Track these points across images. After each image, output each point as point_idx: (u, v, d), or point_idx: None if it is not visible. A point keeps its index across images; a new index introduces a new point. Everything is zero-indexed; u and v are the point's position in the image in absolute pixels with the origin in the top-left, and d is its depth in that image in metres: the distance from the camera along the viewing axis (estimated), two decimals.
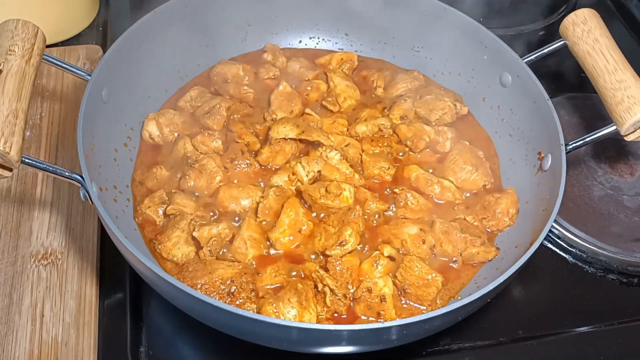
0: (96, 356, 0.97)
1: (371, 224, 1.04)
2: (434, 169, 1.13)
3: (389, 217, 1.05)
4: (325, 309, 0.94)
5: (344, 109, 1.20)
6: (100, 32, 1.44)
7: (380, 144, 1.14)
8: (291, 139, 1.10)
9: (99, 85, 1.01)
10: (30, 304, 1.00)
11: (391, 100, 1.22)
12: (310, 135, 1.09)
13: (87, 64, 1.32)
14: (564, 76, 1.43)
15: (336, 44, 1.33)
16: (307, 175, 1.07)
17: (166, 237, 0.98)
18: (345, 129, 1.16)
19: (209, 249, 0.97)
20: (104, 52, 1.07)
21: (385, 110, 1.21)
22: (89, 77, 0.99)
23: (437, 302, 0.96)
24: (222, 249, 0.99)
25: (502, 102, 1.17)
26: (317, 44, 1.33)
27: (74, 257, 1.06)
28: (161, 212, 1.03)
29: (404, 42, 1.28)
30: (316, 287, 0.95)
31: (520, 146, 1.13)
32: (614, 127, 0.97)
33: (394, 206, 1.06)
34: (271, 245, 1.00)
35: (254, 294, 0.94)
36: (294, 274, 0.97)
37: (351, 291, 0.95)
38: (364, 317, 0.95)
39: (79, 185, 0.89)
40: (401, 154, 1.15)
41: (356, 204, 1.03)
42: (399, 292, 0.97)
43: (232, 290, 0.93)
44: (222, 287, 0.93)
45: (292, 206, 1.02)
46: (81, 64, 1.32)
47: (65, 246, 1.07)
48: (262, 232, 1.01)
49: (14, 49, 0.88)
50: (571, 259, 1.15)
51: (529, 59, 1.11)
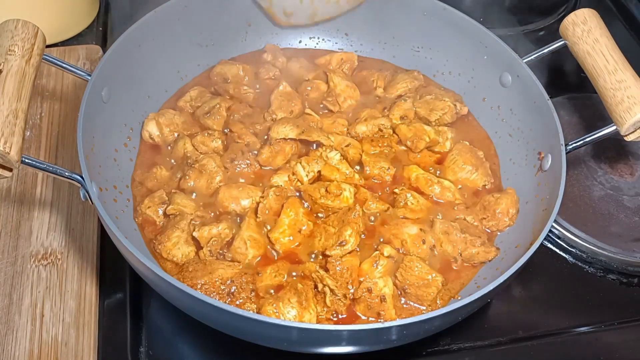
0: (96, 356, 0.97)
1: (371, 223, 1.04)
2: (434, 169, 1.13)
3: (389, 217, 1.05)
4: (325, 309, 0.94)
5: (344, 109, 1.20)
6: (100, 32, 1.44)
7: (380, 144, 1.14)
8: (291, 139, 1.10)
9: (99, 85, 1.01)
10: (30, 304, 1.00)
11: (391, 100, 1.22)
12: (310, 135, 1.09)
13: (87, 64, 1.32)
14: (564, 76, 1.43)
15: (336, 44, 1.33)
16: (307, 175, 1.07)
17: (166, 237, 0.98)
18: (345, 129, 1.16)
19: (209, 249, 0.97)
20: (104, 52, 1.07)
21: (385, 110, 1.21)
22: (89, 77, 0.99)
23: (437, 302, 0.96)
24: (222, 249, 0.99)
25: (502, 102, 1.17)
26: (317, 44, 1.33)
27: (74, 257, 1.06)
28: (161, 212, 1.03)
29: (404, 42, 1.28)
30: (316, 287, 0.94)
31: (520, 146, 1.13)
32: (614, 127, 0.97)
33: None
34: (271, 245, 1.00)
35: (254, 294, 0.94)
36: (294, 274, 0.97)
37: (351, 291, 0.95)
38: (364, 317, 0.95)
39: (79, 185, 0.89)
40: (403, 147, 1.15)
41: (356, 204, 1.03)
42: (399, 292, 0.97)
43: (232, 290, 0.93)
44: (222, 287, 0.93)
45: (292, 206, 1.02)
46: (81, 64, 1.32)
47: (65, 246, 1.07)
48: (262, 232, 1.01)
49: (14, 49, 0.88)
50: (571, 259, 1.15)
51: (529, 59, 1.11)
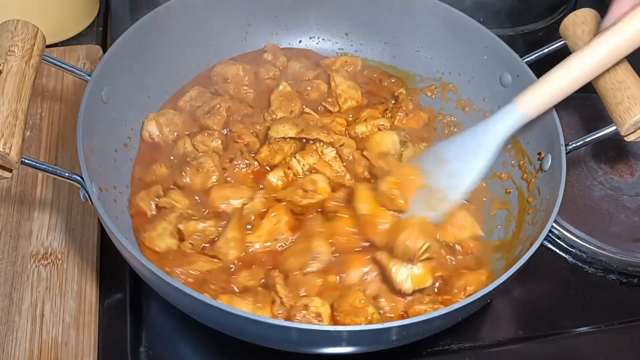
0: (96, 356, 0.97)
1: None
2: None
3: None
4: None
5: (343, 109, 1.20)
6: (100, 32, 1.44)
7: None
8: (290, 137, 1.10)
9: (99, 85, 1.01)
10: (30, 304, 1.00)
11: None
12: (309, 133, 1.09)
13: (87, 64, 1.32)
14: None
15: (336, 43, 1.33)
16: (302, 168, 1.06)
17: (152, 227, 0.99)
18: (343, 129, 1.16)
19: (191, 241, 0.98)
20: (104, 52, 1.07)
21: (386, 111, 1.20)
22: (89, 77, 0.99)
23: None
24: (204, 245, 0.99)
25: (502, 102, 1.16)
26: (317, 44, 1.33)
27: (74, 257, 1.06)
28: (154, 205, 1.03)
29: (404, 42, 1.28)
30: (271, 294, 0.93)
31: (520, 146, 1.13)
32: (614, 128, 0.97)
33: None
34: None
35: (222, 290, 0.94)
36: (262, 281, 0.96)
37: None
38: None
39: (79, 185, 0.89)
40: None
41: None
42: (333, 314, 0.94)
43: (205, 279, 0.94)
44: (199, 276, 0.94)
45: (278, 211, 1.01)
46: (81, 64, 1.32)
47: (65, 246, 1.07)
48: (246, 234, 1.00)
49: (13, 50, 0.88)
50: (571, 259, 1.15)
51: (529, 59, 1.11)
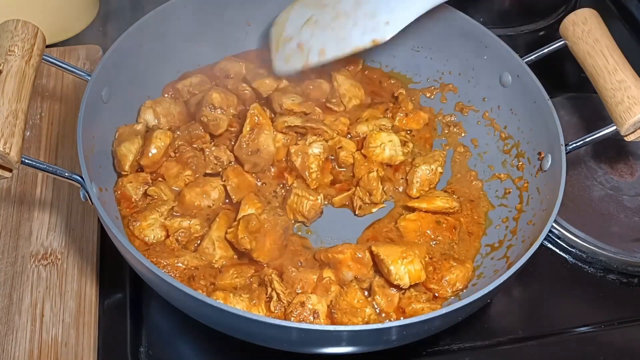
0: (96, 356, 0.97)
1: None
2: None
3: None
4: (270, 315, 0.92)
5: (348, 108, 1.20)
6: (100, 32, 1.44)
7: None
8: (296, 126, 1.10)
9: (99, 85, 1.01)
10: (30, 304, 1.00)
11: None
12: (315, 123, 1.11)
13: (87, 64, 1.32)
14: (564, 76, 1.43)
15: None
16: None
17: (143, 217, 1.00)
18: (346, 128, 1.16)
19: (175, 237, 0.99)
20: (104, 52, 1.07)
21: (387, 111, 1.20)
22: (89, 77, 0.99)
23: None
24: (188, 242, 1.00)
25: (502, 102, 1.17)
26: None
27: (74, 257, 1.06)
28: (141, 191, 1.03)
29: (404, 42, 1.28)
30: (266, 291, 0.94)
31: (520, 146, 1.13)
32: (614, 127, 0.97)
33: None
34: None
35: (212, 287, 0.95)
36: (250, 279, 0.97)
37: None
38: None
39: (79, 185, 0.89)
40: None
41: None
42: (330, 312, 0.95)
43: (194, 275, 0.95)
44: (185, 270, 0.95)
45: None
46: (81, 64, 1.32)
47: (65, 246, 1.07)
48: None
49: (13, 50, 0.88)
50: (571, 259, 1.15)
51: (529, 59, 1.11)
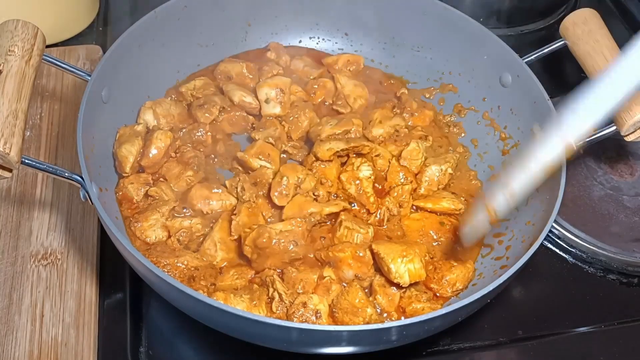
0: (96, 356, 0.97)
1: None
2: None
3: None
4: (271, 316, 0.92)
5: (355, 109, 1.20)
6: (100, 32, 1.44)
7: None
8: (342, 150, 1.08)
9: (99, 85, 1.01)
10: (30, 304, 1.00)
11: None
12: (359, 143, 1.09)
13: (87, 64, 1.32)
14: (564, 76, 1.43)
15: (336, 43, 1.33)
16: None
17: (144, 218, 1.00)
18: (361, 129, 1.15)
19: (177, 237, 0.99)
20: (104, 52, 1.07)
21: (395, 109, 1.20)
22: (89, 77, 0.99)
23: None
24: (190, 242, 1.00)
25: (502, 102, 1.17)
26: (317, 43, 1.33)
27: (74, 257, 1.06)
28: (142, 191, 1.04)
29: (404, 42, 1.28)
30: (268, 292, 0.94)
31: (520, 146, 1.13)
32: (614, 127, 0.97)
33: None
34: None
35: (213, 287, 0.95)
36: (250, 277, 0.97)
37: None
38: None
39: (79, 185, 0.89)
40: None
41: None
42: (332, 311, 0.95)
43: (194, 275, 0.95)
44: (185, 271, 0.95)
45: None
46: (81, 64, 1.32)
47: (65, 246, 1.07)
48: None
49: (13, 50, 0.88)
50: (571, 259, 1.15)
51: (529, 59, 1.11)
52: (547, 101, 1.05)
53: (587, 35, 1.03)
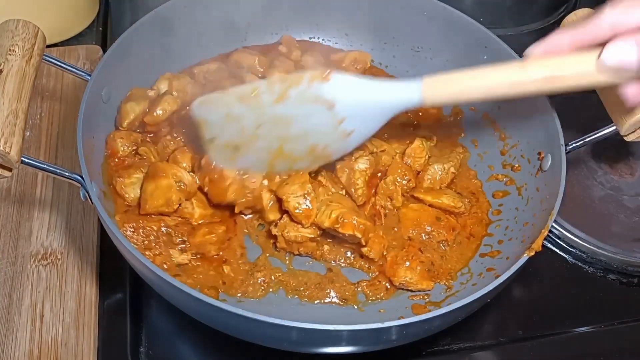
0: (96, 356, 0.97)
1: None
2: None
3: None
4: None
5: None
6: (100, 32, 1.44)
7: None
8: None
9: (99, 85, 1.01)
10: (30, 304, 1.00)
11: None
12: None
13: (87, 64, 1.32)
14: None
15: (336, 44, 1.33)
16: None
17: (127, 174, 1.01)
18: None
19: None
20: (104, 52, 1.07)
21: None
22: (89, 77, 0.99)
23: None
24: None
25: (502, 102, 1.17)
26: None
27: (74, 257, 1.06)
28: (129, 149, 1.04)
29: (404, 42, 1.28)
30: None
31: (520, 146, 1.13)
32: (614, 128, 0.97)
33: None
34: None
35: (188, 244, 0.98)
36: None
37: None
38: None
39: (79, 185, 0.89)
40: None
41: None
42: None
43: (171, 233, 0.98)
44: (163, 229, 0.98)
45: None
46: (81, 64, 1.32)
47: (65, 246, 1.07)
48: None
49: (14, 49, 0.88)
50: (571, 259, 1.15)
51: None
52: (547, 101, 1.05)
53: None
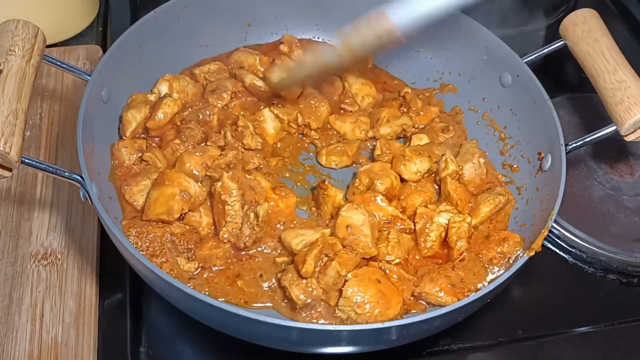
0: (96, 356, 0.97)
1: None
2: None
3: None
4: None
5: (363, 107, 1.20)
6: (100, 32, 1.44)
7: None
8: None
9: (98, 85, 1.01)
10: (30, 304, 1.00)
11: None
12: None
13: (87, 64, 1.32)
14: (564, 76, 1.43)
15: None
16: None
17: (135, 182, 1.01)
18: (367, 127, 1.16)
19: None
20: (104, 52, 1.07)
21: (402, 107, 1.20)
22: (89, 77, 0.99)
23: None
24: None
25: (502, 102, 1.17)
26: None
27: (74, 257, 1.06)
28: (134, 157, 1.04)
29: (404, 42, 1.28)
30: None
31: (520, 146, 1.13)
32: (614, 127, 0.97)
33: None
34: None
35: (192, 254, 0.97)
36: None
37: None
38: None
39: (79, 185, 0.89)
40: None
41: None
42: None
43: (174, 240, 0.97)
44: (168, 236, 0.97)
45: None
46: (81, 64, 1.32)
47: (65, 246, 1.07)
48: None
49: (14, 49, 0.88)
50: (571, 259, 1.15)
51: (529, 59, 1.11)
52: (547, 101, 1.05)
53: (587, 35, 1.03)
